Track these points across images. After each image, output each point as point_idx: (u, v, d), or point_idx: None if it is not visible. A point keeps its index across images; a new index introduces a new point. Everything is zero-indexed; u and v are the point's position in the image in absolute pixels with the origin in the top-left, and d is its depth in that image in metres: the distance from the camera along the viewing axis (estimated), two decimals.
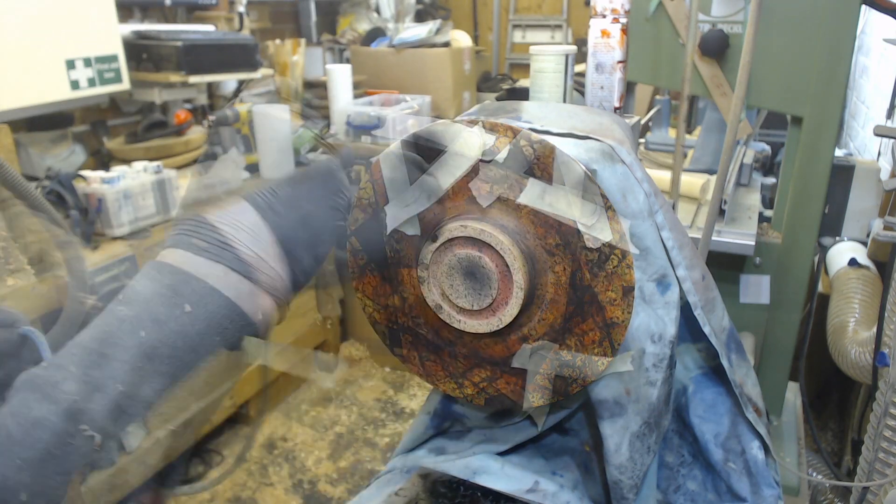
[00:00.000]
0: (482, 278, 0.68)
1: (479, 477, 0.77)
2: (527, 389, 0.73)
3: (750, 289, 1.41)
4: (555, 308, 0.68)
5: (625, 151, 0.69)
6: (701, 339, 0.83)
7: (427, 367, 0.78)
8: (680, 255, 0.71)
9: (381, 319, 0.80)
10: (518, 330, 0.71)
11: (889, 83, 2.02)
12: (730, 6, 1.26)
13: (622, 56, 0.84)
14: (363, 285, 0.79)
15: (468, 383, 0.77)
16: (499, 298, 0.68)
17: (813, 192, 1.31)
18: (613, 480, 0.73)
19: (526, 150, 0.66)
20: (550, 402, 0.73)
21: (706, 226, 1.11)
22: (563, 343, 0.69)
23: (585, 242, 0.65)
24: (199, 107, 2.73)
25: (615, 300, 0.66)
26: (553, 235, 0.66)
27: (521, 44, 4.79)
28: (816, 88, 1.23)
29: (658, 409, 0.73)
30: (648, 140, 1.97)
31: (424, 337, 0.77)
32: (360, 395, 2.79)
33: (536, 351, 0.70)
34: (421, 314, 0.77)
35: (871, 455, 1.23)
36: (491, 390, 0.75)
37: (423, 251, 0.70)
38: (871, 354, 1.39)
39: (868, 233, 1.57)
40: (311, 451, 2.45)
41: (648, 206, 0.68)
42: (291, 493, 2.24)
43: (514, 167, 0.66)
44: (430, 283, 0.71)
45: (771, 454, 0.80)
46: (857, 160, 1.55)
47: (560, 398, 0.73)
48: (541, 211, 0.66)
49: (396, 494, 0.82)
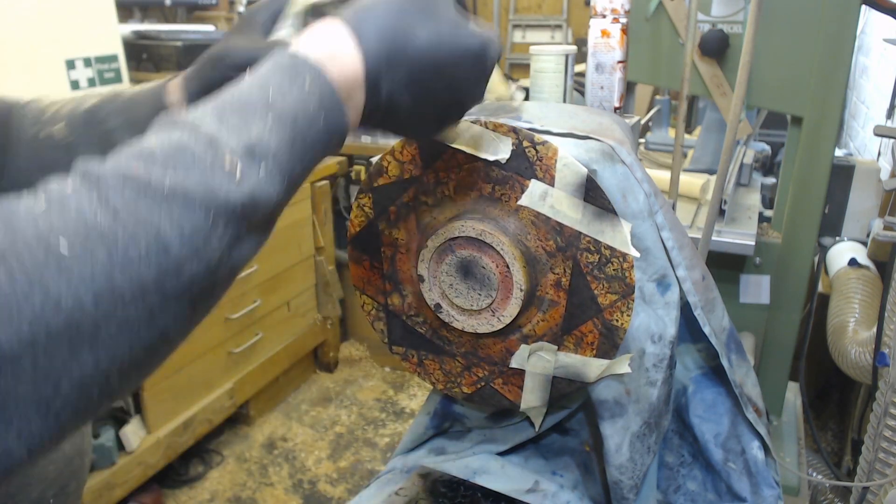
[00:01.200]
0: (482, 278, 0.68)
1: (479, 477, 0.77)
2: (524, 390, 0.73)
3: (750, 289, 1.41)
4: (554, 309, 0.69)
5: (625, 151, 0.69)
6: (701, 339, 0.83)
7: (425, 365, 0.79)
8: (680, 255, 0.71)
9: (381, 317, 0.80)
10: (517, 331, 0.71)
11: (889, 83, 2.02)
12: (730, 6, 1.26)
13: (622, 56, 0.84)
14: (363, 283, 0.79)
15: (465, 383, 0.77)
16: (498, 299, 0.68)
17: (813, 192, 1.31)
18: (613, 480, 0.73)
19: (529, 152, 0.66)
20: (548, 403, 0.73)
21: (706, 226, 1.11)
22: (562, 344, 0.69)
23: (586, 245, 0.65)
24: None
25: (615, 303, 0.66)
26: (554, 237, 0.66)
27: (521, 44, 4.79)
28: (816, 88, 1.23)
29: (658, 410, 0.73)
30: (648, 140, 1.97)
31: (423, 336, 0.77)
32: (360, 395, 2.79)
33: (535, 352, 0.71)
34: (420, 313, 0.77)
35: (871, 455, 1.23)
36: (488, 391, 0.75)
37: (424, 250, 0.70)
38: (871, 354, 1.39)
39: (868, 233, 1.57)
40: (311, 451, 2.45)
41: (648, 207, 0.68)
42: (291, 493, 2.24)
43: (516, 168, 0.66)
44: (429, 282, 0.71)
45: (771, 454, 0.80)
46: (857, 160, 1.55)
47: (558, 400, 0.73)
48: (541, 214, 0.66)
49: (396, 494, 0.82)
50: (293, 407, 2.70)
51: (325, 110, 0.43)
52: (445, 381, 0.78)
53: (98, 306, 0.32)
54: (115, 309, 0.33)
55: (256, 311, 2.37)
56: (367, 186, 0.74)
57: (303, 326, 2.69)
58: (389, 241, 0.75)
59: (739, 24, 1.26)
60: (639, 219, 0.68)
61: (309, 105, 0.42)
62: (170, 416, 2.08)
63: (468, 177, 0.69)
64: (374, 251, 0.76)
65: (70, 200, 0.34)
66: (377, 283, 0.78)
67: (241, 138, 0.39)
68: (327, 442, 2.50)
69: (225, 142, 0.38)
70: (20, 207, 0.33)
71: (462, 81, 0.49)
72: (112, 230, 0.33)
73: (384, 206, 0.74)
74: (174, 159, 0.37)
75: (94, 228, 0.33)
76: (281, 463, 2.39)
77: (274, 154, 0.40)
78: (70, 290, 0.31)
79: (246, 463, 2.38)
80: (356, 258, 0.79)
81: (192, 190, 0.36)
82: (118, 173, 0.35)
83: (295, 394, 2.79)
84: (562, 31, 4.65)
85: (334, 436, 2.53)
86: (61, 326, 0.31)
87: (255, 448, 2.45)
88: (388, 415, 2.66)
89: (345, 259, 2.76)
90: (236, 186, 0.37)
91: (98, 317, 0.32)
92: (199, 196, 0.36)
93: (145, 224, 0.34)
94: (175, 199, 0.35)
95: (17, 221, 0.32)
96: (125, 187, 0.35)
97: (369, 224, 0.76)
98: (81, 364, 0.32)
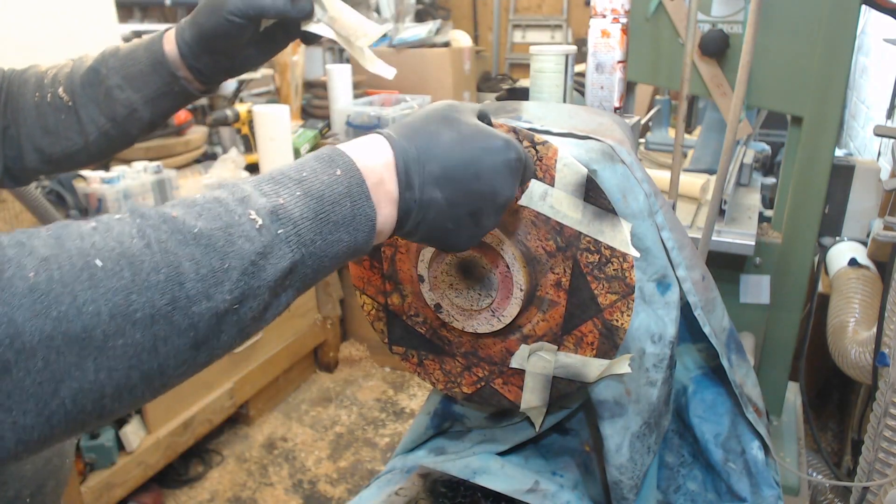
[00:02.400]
0: (482, 278, 0.68)
1: (479, 477, 0.77)
2: (524, 390, 0.73)
3: (750, 289, 1.41)
4: (554, 309, 0.69)
5: (625, 151, 0.69)
6: (701, 339, 0.83)
7: (425, 365, 0.79)
8: (680, 255, 0.71)
9: (381, 317, 0.80)
10: (517, 331, 0.71)
11: (889, 83, 2.02)
12: (730, 6, 1.26)
13: (622, 56, 0.84)
14: (363, 283, 0.79)
15: (465, 383, 0.77)
16: (498, 299, 0.68)
17: (813, 192, 1.31)
18: (613, 480, 0.73)
19: (529, 151, 0.66)
20: (548, 403, 0.73)
21: (706, 226, 1.11)
22: (562, 344, 0.69)
23: (586, 245, 0.65)
24: (199, 107, 2.73)
25: (615, 303, 0.66)
26: (554, 237, 0.66)
27: (521, 44, 4.79)
28: (816, 88, 1.23)
29: (658, 410, 0.73)
30: (648, 140, 1.97)
31: (423, 336, 0.77)
32: (360, 395, 2.79)
33: (535, 352, 0.70)
34: (420, 313, 0.77)
35: (871, 455, 1.23)
36: (488, 391, 0.75)
37: (423, 250, 0.70)
38: (871, 354, 1.39)
39: (868, 233, 1.57)
40: (311, 451, 2.45)
41: (648, 207, 0.68)
42: (291, 493, 2.24)
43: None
44: (429, 282, 0.71)
45: (771, 454, 0.80)
46: (857, 160, 1.55)
47: (558, 400, 0.73)
48: (541, 214, 0.66)
49: (396, 494, 0.82)
50: (293, 407, 2.70)
51: (351, 197, 0.47)
52: (445, 381, 0.78)
53: (112, 320, 0.36)
54: (125, 326, 0.36)
55: None
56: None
57: (303, 326, 2.69)
58: (389, 240, 0.75)
59: (739, 24, 1.26)
60: (639, 219, 0.68)
61: (337, 188, 0.46)
62: (170, 416, 2.08)
63: None
64: (373, 251, 0.76)
65: (114, 225, 0.39)
66: (377, 283, 0.78)
67: (269, 201, 0.44)
68: (327, 442, 2.50)
69: (255, 201, 0.43)
70: (73, 225, 0.38)
71: (489, 174, 0.52)
72: (141, 256, 0.38)
73: None
74: (209, 210, 0.42)
75: (126, 250, 0.37)
76: (281, 463, 2.39)
77: (295, 221, 0.44)
78: (93, 299, 0.35)
79: (246, 463, 2.38)
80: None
81: (216, 237, 0.40)
82: (161, 213, 0.41)
83: (295, 394, 2.79)
84: (562, 31, 4.65)
85: (334, 436, 2.53)
86: (77, 331, 0.35)
87: (255, 448, 2.45)
88: (388, 415, 2.66)
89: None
90: (254, 239, 0.41)
91: (109, 330, 0.36)
92: (220, 243, 0.40)
93: (169, 257, 0.38)
94: (200, 241, 0.40)
95: (68, 235, 0.37)
96: (162, 224, 0.40)
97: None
98: (84, 372, 0.35)
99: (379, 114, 2.67)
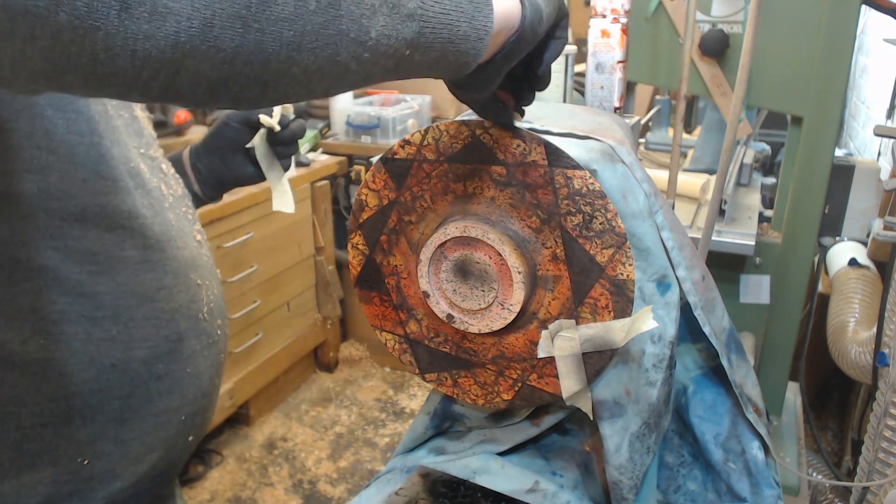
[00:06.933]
0: (480, 273, 0.68)
1: (479, 477, 0.77)
2: (560, 377, 0.71)
3: (750, 289, 1.41)
4: (560, 284, 0.68)
5: (625, 151, 0.69)
6: (701, 339, 0.83)
7: (461, 385, 0.78)
8: (680, 255, 0.71)
9: (405, 349, 0.80)
10: (533, 318, 0.71)
11: (889, 83, 2.02)
12: (730, 6, 1.26)
13: (622, 56, 0.84)
14: (380, 321, 0.80)
15: (503, 389, 0.76)
16: (502, 288, 0.68)
17: (813, 192, 1.31)
18: (613, 481, 0.73)
19: (484, 138, 0.66)
20: (588, 383, 0.71)
21: (706, 226, 1.11)
22: (580, 317, 0.69)
23: (566, 209, 0.65)
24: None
25: (613, 256, 0.65)
26: (534, 212, 0.67)
27: None
28: (816, 88, 1.23)
29: (658, 410, 0.73)
30: (648, 140, 1.97)
31: (448, 354, 0.77)
32: (360, 395, 2.79)
33: (557, 333, 0.69)
34: (439, 332, 0.77)
35: (871, 455, 1.23)
36: (527, 390, 0.74)
37: (420, 265, 0.71)
38: (871, 354, 1.39)
39: (868, 233, 1.57)
40: (311, 451, 2.45)
41: (648, 207, 0.68)
42: (291, 493, 2.24)
43: (478, 159, 0.68)
44: (434, 295, 0.71)
45: (771, 454, 0.80)
46: (857, 160, 1.55)
47: (595, 376, 0.71)
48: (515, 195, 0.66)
49: (396, 494, 0.82)
50: (293, 407, 2.70)
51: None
52: (484, 394, 0.77)
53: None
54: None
55: (256, 311, 2.37)
56: (355, 224, 0.77)
57: (303, 326, 2.69)
58: (390, 269, 0.76)
59: (739, 24, 1.26)
60: (639, 219, 0.68)
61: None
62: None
63: (438, 182, 0.70)
64: (379, 284, 0.78)
65: None
66: (392, 316, 0.78)
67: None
68: (327, 442, 2.50)
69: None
70: None
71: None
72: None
73: (375, 238, 0.76)
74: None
75: None
76: (281, 463, 2.39)
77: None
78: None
79: (246, 463, 2.38)
80: (366, 298, 0.80)
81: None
82: None
83: (295, 394, 2.79)
84: None
85: (334, 436, 2.54)
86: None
87: (255, 448, 2.45)
88: (388, 415, 2.67)
89: (344, 259, 2.76)
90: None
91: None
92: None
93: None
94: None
95: None
96: None
97: (367, 260, 0.77)
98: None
99: (379, 114, 2.67)
